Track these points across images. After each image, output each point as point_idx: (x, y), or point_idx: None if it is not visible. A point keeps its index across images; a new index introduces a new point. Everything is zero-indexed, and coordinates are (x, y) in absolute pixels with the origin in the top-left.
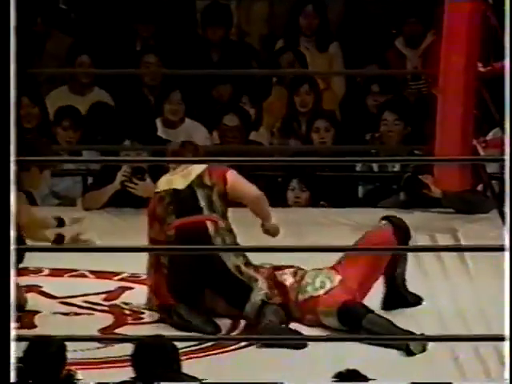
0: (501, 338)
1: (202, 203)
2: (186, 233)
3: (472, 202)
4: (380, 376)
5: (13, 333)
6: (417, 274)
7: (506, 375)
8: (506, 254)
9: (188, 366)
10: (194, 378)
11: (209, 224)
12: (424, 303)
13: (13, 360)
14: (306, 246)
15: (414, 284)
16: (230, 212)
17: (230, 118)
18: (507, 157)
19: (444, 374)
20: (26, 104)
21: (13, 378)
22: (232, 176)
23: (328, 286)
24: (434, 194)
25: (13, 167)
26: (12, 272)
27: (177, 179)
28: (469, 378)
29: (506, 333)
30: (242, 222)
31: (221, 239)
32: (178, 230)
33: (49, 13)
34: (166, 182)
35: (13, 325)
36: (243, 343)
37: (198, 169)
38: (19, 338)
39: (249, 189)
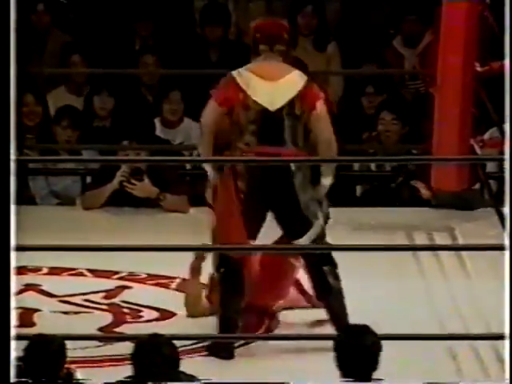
0: (500, 337)
1: (287, 135)
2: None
3: (463, 198)
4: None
5: (12, 332)
6: (415, 272)
7: (506, 375)
8: (506, 253)
9: (187, 365)
10: (192, 377)
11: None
12: (422, 302)
13: (12, 359)
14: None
15: (412, 282)
16: None
17: None
18: (507, 156)
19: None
20: (30, 102)
21: (12, 377)
22: (320, 108)
23: None
24: (425, 197)
25: (13, 167)
26: (12, 271)
27: (269, 93)
28: (467, 378)
29: (506, 332)
30: None
31: (302, 174)
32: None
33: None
34: (259, 88)
35: (13, 324)
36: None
37: (292, 87)
38: (19, 337)
39: (329, 130)
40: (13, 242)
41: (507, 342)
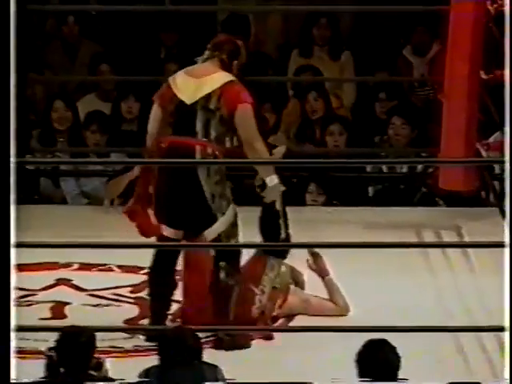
0: (500, 329)
1: (199, 127)
2: (176, 152)
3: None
4: None
5: (12, 332)
6: (423, 269)
7: (506, 375)
8: (506, 250)
9: (209, 355)
10: (215, 367)
11: (197, 148)
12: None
13: (13, 359)
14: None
15: (420, 279)
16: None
17: None
18: (507, 158)
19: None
20: (59, 107)
21: (13, 377)
22: (243, 112)
23: None
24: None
25: (13, 168)
26: (12, 266)
27: (189, 88)
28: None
29: (506, 324)
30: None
31: (205, 167)
32: (169, 147)
33: (79, 17)
34: (182, 84)
35: (12, 324)
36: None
37: (211, 84)
38: (19, 329)
39: (250, 132)
40: (13, 239)
41: (507, 334)
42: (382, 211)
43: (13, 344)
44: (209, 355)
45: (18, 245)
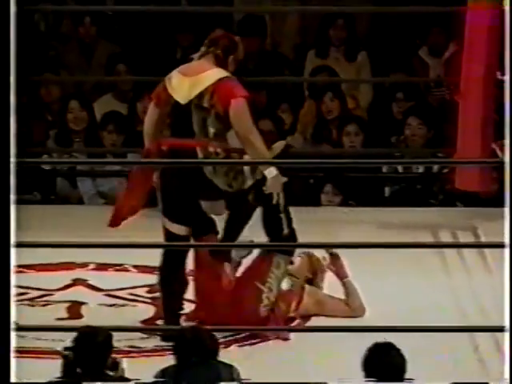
0: (500, 329)
1: (196, 127)
2: (177, 155)
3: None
4: None
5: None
6: (439, 269)
7: (506, 375)
8: (506, 250)
9: (226, 355)
10: (231, 367)
11: (198, 150)
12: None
13: (13, 360)
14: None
15: (436, 279)
16: None
17: (264, 122)
18: (507, 159)
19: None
20: (75, 108)
21: (13, 377)
22: (236, 106)
23: None
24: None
25: (13, 168)
26: (12, 266)
27: (184, 88)
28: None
29: (506, 324)
30: None
31: (211, 166)
32: (170, 150)
33: (96, 18)
34: (177, 84)
35: (12, 324)
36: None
37: (203, 82)
38: (19, 328)
39: (245, 127)
40: (13, 239)
41: (507, 335)
42: (398, 211)
43: (13, 344)
44: (225, 355)
45: (18, 245)
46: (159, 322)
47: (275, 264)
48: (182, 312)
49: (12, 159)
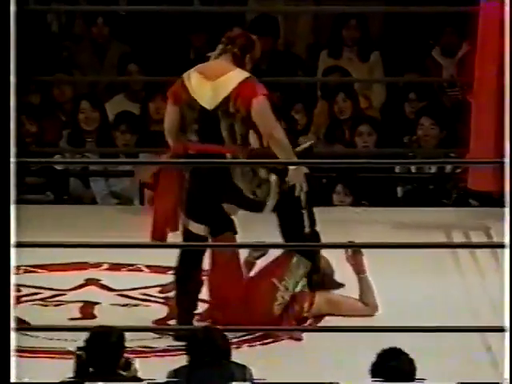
0: (501, 330)
1: (224, 133)
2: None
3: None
4: None
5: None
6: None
7: (506, 375)
8: (506, 251)
9: (238, 355)
10: (243, 367)
11: (228, 156)
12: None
13: (13, 360)
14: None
15: (450, 280)
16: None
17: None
18: (507, 159)
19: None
20: (86, 108)
21: (13, 377)
22: (258, 105)
23: None
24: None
25: (13, 168)
26: (12, 267)
27: (207, 92)
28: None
29: (506, 324)
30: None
31: (240, 170)
32: (198, 155)
33: (109, 18)
34: (198, 87)
35: (12, 324)
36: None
37: (226, 86)
38: (19, 329)
39: (269, 125)
40: (13, 239)
41: (507, 335)
42: (410, 212)
43: (13, 344)
44: (237, 355)
45: (18, 245)
46: (172, 322)
47: (294, 264)
48: (195, 312)
49: (12, 159)
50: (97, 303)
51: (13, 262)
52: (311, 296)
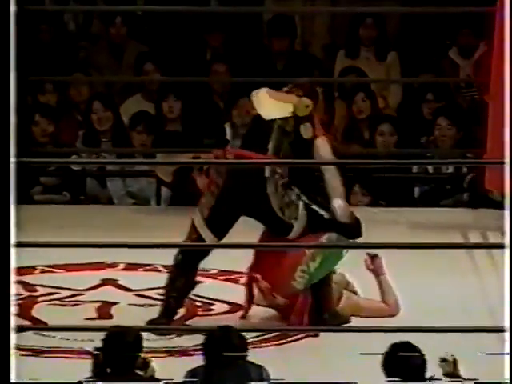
0: (501, 330)
1: (271, 145)
2: (242, 166)
3: None
4: None
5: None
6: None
7: (506, 375)
8: (506, 251)
9: (255, 355)
10: (260, 367)
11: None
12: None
13: (13, 361)
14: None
15: (466, 279)
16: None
17: None
18: (507, 160)
19: None
20: (98, 108)
21: (13, 378)
22: (321, 144)
23: None
24: (495, 198)
25: (13, 168)
26: (12, 267)
27: (267, 105)
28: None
29: (506, 325)
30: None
31: (274, 182)
32: (236, 159)
33: (126, 18)
34: (261, 99)
35: (12, 324)
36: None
37: (289, 108)
38: (19, 329)
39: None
40: (13, 239)
41: (507, 335)
42: (427, 212)
43: (13, 344)
44: (253, 354)
45: (18, 245)
46: (189, 321)
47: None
48: (178, 312)
49: (12, 159)
50: (114, 303)
51: (13, 262)
52: (336, 300)
